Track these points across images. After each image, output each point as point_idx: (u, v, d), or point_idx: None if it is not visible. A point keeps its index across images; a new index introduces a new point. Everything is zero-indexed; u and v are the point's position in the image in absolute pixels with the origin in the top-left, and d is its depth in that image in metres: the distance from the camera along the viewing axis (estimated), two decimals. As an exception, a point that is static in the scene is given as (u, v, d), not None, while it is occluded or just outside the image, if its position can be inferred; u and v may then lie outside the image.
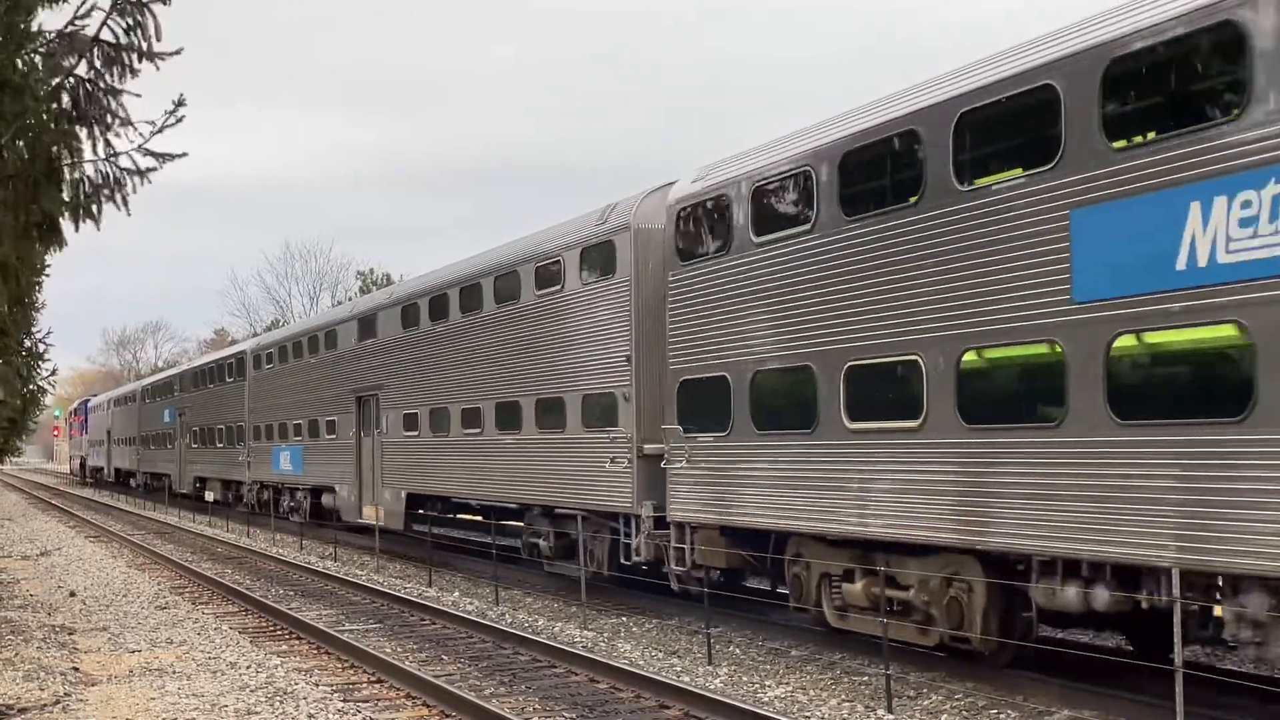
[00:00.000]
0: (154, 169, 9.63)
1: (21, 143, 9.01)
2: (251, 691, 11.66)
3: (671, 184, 15.78)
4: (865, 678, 12.11)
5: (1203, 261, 8.84)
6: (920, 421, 11.16)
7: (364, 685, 12.07)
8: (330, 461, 28.15)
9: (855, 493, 12.01)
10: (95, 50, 9.08)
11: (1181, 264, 8.97)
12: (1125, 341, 9.39)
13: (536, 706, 10.95)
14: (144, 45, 9.15)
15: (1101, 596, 9.75)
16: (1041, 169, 10.02)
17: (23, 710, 10.86)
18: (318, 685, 12.00)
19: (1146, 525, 9.17)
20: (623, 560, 16.58)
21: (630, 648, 13.96)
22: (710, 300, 14.35)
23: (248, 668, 12.94)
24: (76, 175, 9.51)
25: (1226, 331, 8.72)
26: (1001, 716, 10.45)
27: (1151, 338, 9.26)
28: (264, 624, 16.30)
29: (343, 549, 26.01)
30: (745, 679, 12.14)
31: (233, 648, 14.30)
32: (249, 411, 34.94)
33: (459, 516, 25.05)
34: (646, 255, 16.09)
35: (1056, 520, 9.85)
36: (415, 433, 23.30)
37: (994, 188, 10.49)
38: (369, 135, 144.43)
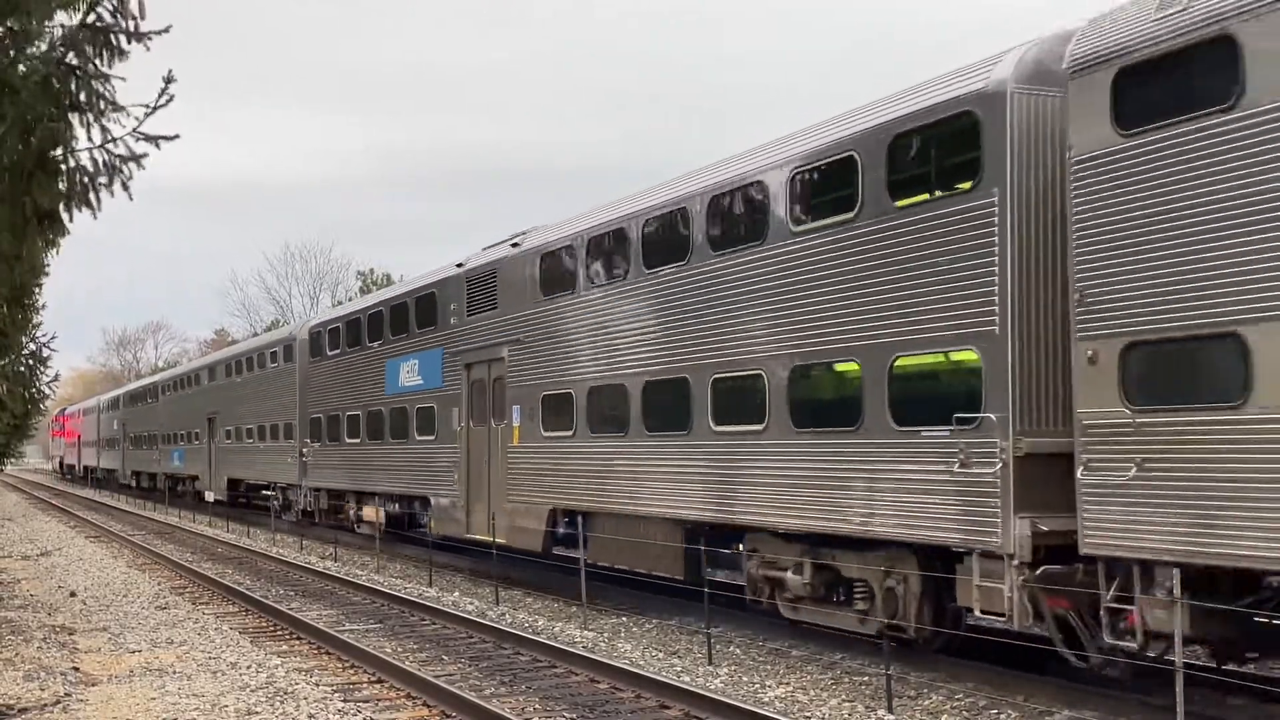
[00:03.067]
0: (146, 155, 9.55)
1: (13, 139, 8.96)
2: (252, 691, 11.66)
3: (314, 317, 34.28)
4: (865, 678, 12.11)
5: (402, 384, 23.42)
6: (360, 441, 25.94)
7: (364, 685, 12.08)
8: (197, 459, 43.05)
9: (350, 470, 26.95)
10: (83, 35, 9.01)
11: (398, 385, 23.59)
12: (394, 408, 23.99)
13: (537, 706, 10.96)
14: (130, 25, 9.06)
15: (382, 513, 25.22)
16: (376, 343, 25.25)
17: (23, 710, 10.86)
18: (318, 685, 12.01)
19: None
20: (301, 512, 30.87)
21: (630, 648, 13.96)
22: (314, 382, 29.55)
23: (248, 668, 12.95)
24: (72, 164, 9.44)
25: (404, 408, 23.49)
26: (1001, 717, 10.45)
27: (392, 409, 24.09)
28: (264, 624, 16.31)
29: (343, 549, 26.05)
30: (745, 679, 12.14)
31: (233, 648, 14.31)
32: (159, 424, 49.85)
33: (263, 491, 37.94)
34: (304, 354, 30.29)
35: (386, 478, 24.89)
36: (230, 441, 38.20)
37: (393, 344, 24.51)
38: (370, 137, 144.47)
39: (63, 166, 9.32)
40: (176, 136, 9.52)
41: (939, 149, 11.39)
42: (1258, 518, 8.24)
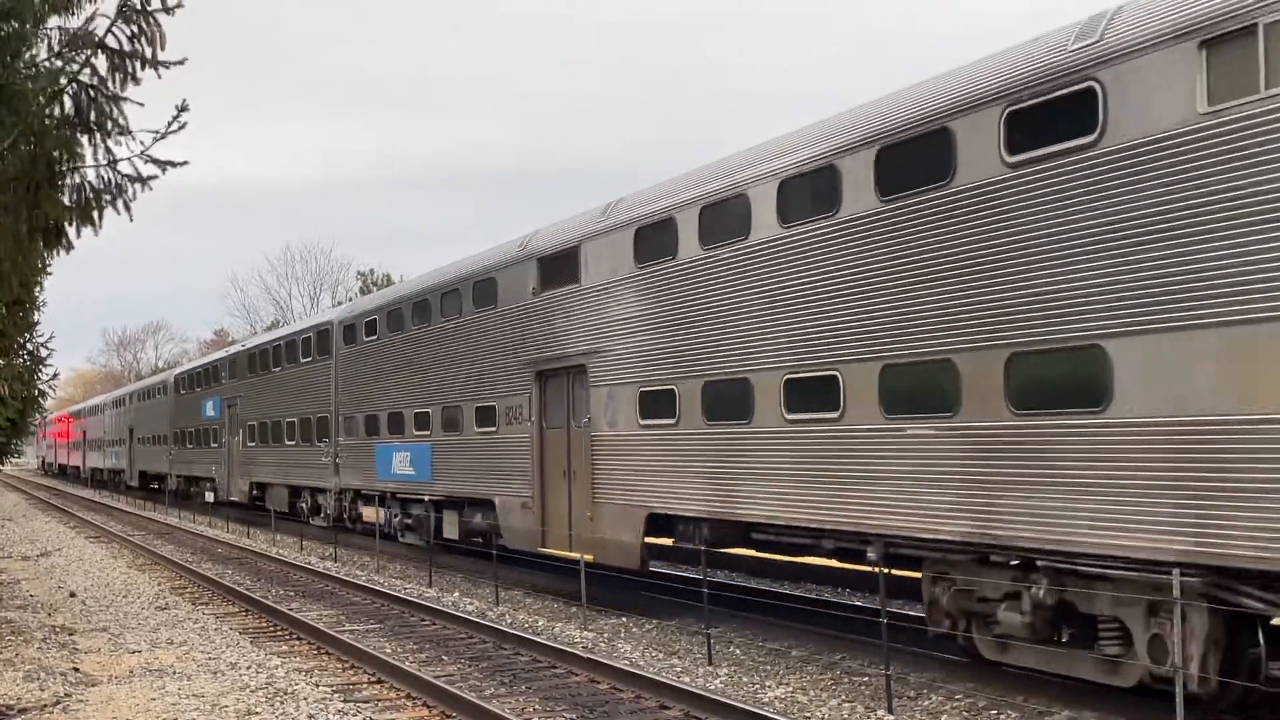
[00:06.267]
0: (155, 176, 9.62)
1: (24, 147, 9.00)
2: (252, 692, 11.67)
3: (180, 366, 56.77)
4: (865, 678, 12.11)
5: (206, 414, 40.54)
6: (193, 447, 42.06)
7: (364, 685, 12.08)
8: (121, 457, 60.16)
9: (190, 464, 43.62)
10: (99, 56, 9.08)
11: (205, 414, 40.74)
12: (203, 428, 41.34)
13: (537, 707, 10.96)
14: (148, 53, 9.13)
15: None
16: (200, 389, 41.68)
17: (23, 710, 10.87)
18: (318, 685, 12.01)
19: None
20: (173, 492, 45.95)
21: (630, 648, 13.96)
22: (178, 409, 44.99)
23: (248, 668, 12.95)
24: (77, 180, 9.50)
25: (208, 428, 41.49)
26: (1001, 717, 10.45)
27: (203, 428, 41.04)
28: (264, 624, 16.31)
29: (343, 549, 26.04)
30: (745, 679, 12.14)
31: (233, 648, 14.31)
32: (105, 431, 66.43)
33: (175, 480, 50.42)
34: (174, 391, 45.81)
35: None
36: (143, 445, 53.45)
37: (205, 390, 40.69)
38: (372, 140, 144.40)
39: (69, 181, 9.37)
40: (186, 163, 9.65)
41: (321, 340, 28.47)
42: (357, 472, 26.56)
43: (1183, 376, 8.63)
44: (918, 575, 11.88)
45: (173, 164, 9.58)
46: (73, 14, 9.37)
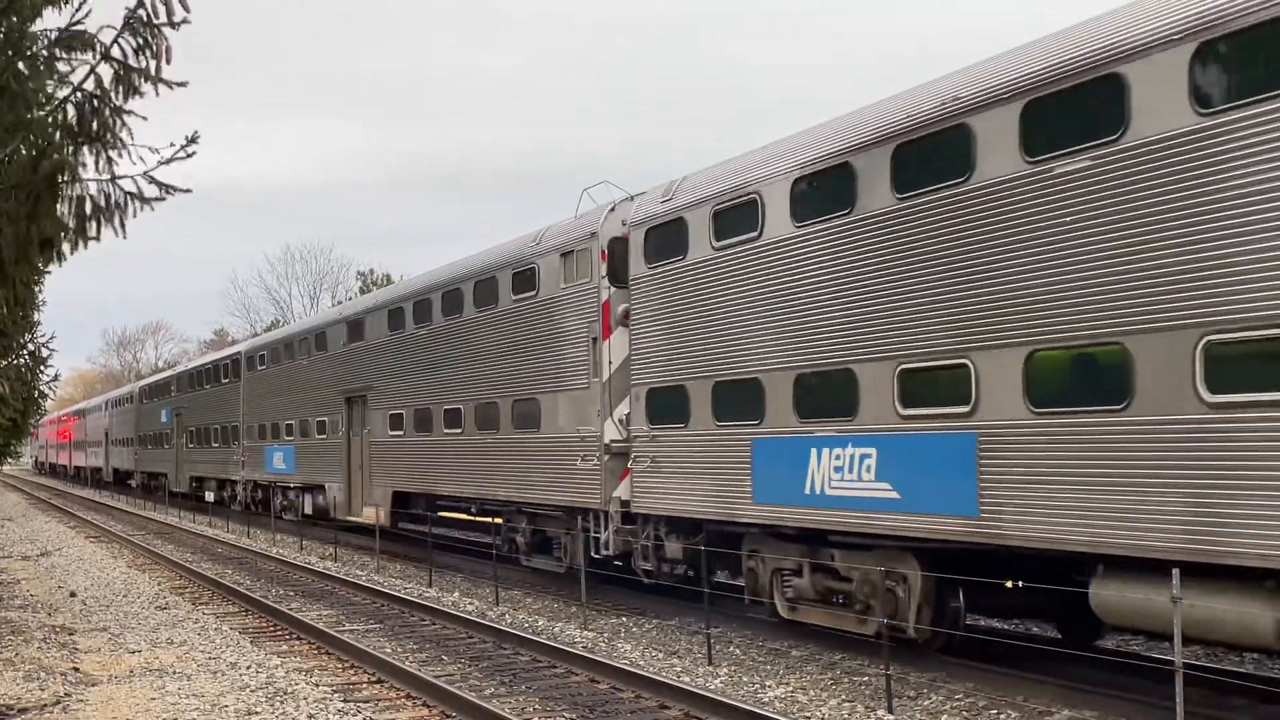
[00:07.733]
0: (159, 199, 9.58)
1: (25, 153, 8.95)
2: (252, 691, 11.67)
3: (141, 380, 69.94)
4: (865, 678, 12.12)
5: (161, 421, 49.99)
6: (153, 449, 51.51)
7: (364, 685, 12.09)
8: (99, 456, 67.93)
9: (153, 461, 51.91)
10: (104, 66, 9.03)
11: (160, 421, 50.00)
12: (159, 432, 50.87)
13: (537, 707, 10.96)
14: (152, 67, 9.09)
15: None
16: (157, 399, 50.69)
17: (23, 710, 10.87)
18: (318, 685, 12.02)
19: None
20: (140, 485, 56.05)
21: (630, 648, 13.97)
22: (141, 416, 54.10)
23: (248, 668, 12.96)
24: (78, 193, 9.43)
25: (162, 432, 50.65)
26: (1001, 717, 10.46)
27: (159, 432, 50.46)
28: (264, 624, 16.31)
29: (343, 549, 26.06)
30: (745, 679, 12.15)
31: (233, 648, 14.31)
32: (86, 434, 74.68)
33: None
34: (138, 401, 54.99)
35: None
36: (117, 446, 60.71)
37: (160, 401, 50.23)
38: (371, 140, 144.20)
39: (71, 194, 9.30)
40: (189, 191, 9.63)
41: (234, 366, 37.14)
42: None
43: (560, 415, 17.63)
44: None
45: (175, 189, 9.55)
46: (61, 7, 9.33)
